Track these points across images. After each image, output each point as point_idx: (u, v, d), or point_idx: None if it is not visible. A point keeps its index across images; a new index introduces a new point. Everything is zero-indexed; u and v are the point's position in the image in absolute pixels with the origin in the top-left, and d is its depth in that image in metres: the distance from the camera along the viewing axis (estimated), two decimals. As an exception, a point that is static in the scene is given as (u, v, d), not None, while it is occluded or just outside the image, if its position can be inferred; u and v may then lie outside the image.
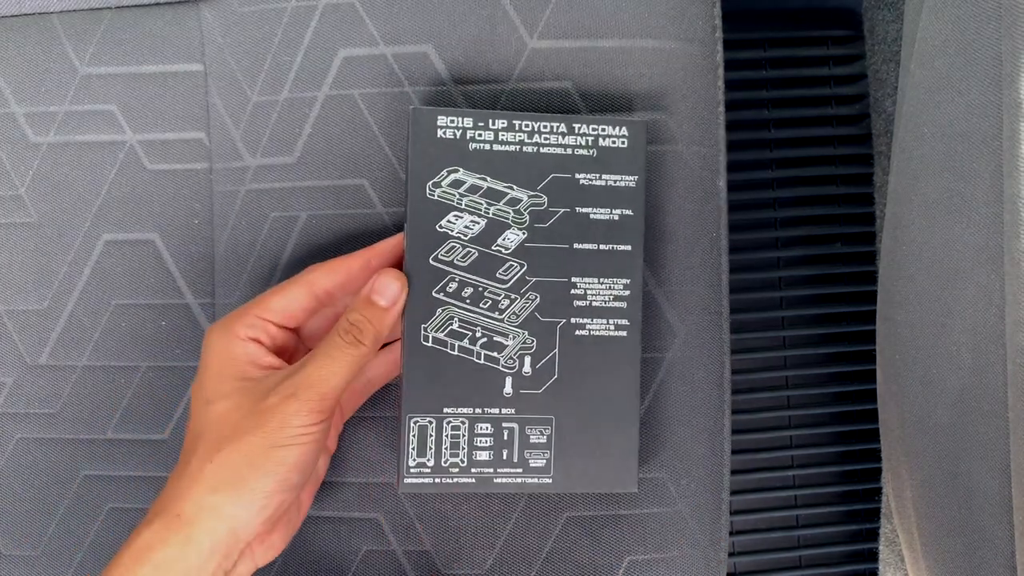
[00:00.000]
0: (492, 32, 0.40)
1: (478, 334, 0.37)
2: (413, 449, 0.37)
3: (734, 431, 0.77)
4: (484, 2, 0.40)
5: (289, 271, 0.40)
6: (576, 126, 0.37)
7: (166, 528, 0.31)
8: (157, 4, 0.42)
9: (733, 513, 0.81)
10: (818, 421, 0.81)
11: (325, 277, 0.35)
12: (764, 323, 0.80)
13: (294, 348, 0.37)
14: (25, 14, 0.42)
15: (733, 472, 0.78)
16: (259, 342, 0.35)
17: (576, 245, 0.37)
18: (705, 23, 0.41)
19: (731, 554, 0.81)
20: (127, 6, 0.42)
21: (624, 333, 0.38)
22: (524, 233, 0.37)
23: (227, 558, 0.32)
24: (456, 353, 0.37)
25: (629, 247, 0.38)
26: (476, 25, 0.40)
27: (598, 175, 0.37)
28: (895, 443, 0.48)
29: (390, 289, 0.34)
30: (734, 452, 0.80)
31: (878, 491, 0.81)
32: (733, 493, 0.79)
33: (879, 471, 0.81)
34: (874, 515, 0.81)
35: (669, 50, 0.40)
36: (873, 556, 0.81)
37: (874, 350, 0.51)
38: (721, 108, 0.41)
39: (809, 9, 0.80)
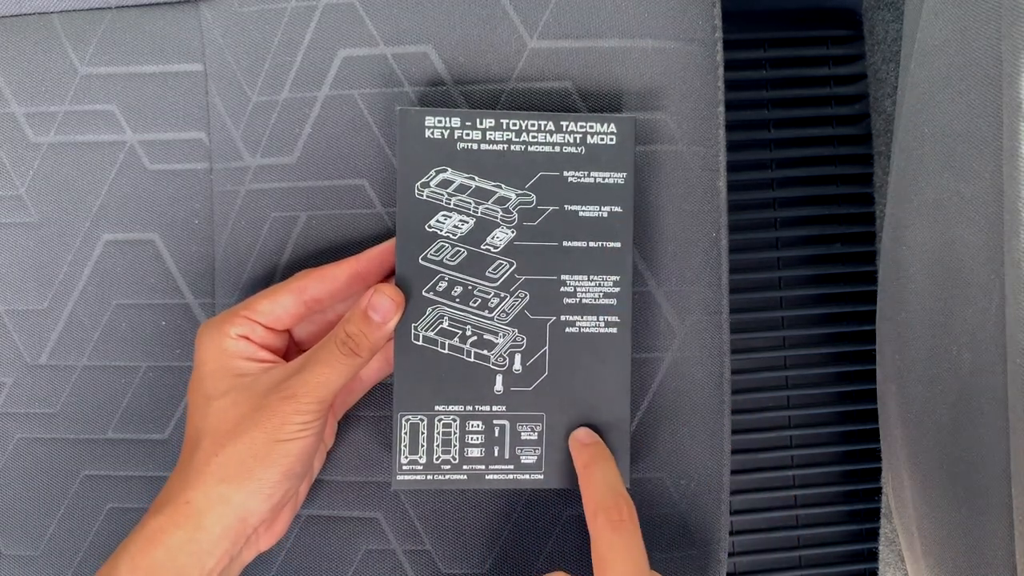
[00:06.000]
0: (492, 32, 0.40)
1: (468, 332, 0.37)
2: (405, 447, 0.37)
3: (734, 431, 0.77)
4: (484, 2, 0.40)
5: (289, 271, 0.40)
6: (564, 124, 0.37)
7: (176, 514, 0.32)
8: (157, 4, 0.42)
9: (733, 513, 0.81)
10: (818, 421, 0.81)
11: (315, 285, 0.36)
12: (764, 323, 0.80)
13: (285, 348, 0.38)
14: (25, 14, 0.43)
15: (733, 472, 0.78)
16: (248, 340, 0.35)
17: (565, 243, 0.37)
18: (705, 23, 0.41)
19: (731, 554, 0.81)
20: (127, 6, 0.42)
21: (614, 330, 0.38)
22: (513, 232, 0.37)
23: (235, 544, 0.33)
24: (446, 351, 0.37)
25: (619, 244, 0.38)
26: (476, 25, 0.40)
27: (587, 172, 0.37)
28: (895, 443, 0.48)
29: (384, 305, 0.35)
30: (734, 452, 0.80)
31: (878, 491, 0.81)
32: (733, 493, 0.79)
33: (879, 471, 0.81)
34: (874, 515, 0.81)
35: (669, 50, 0.40)
36: (873, 556, 0.81)
37: (874, 350, 0.51)
38: (721, 108, 0.41)
39: (809, 9, 0.80)
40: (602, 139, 0.37)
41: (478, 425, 0.37)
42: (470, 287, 0.37)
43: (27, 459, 0.43)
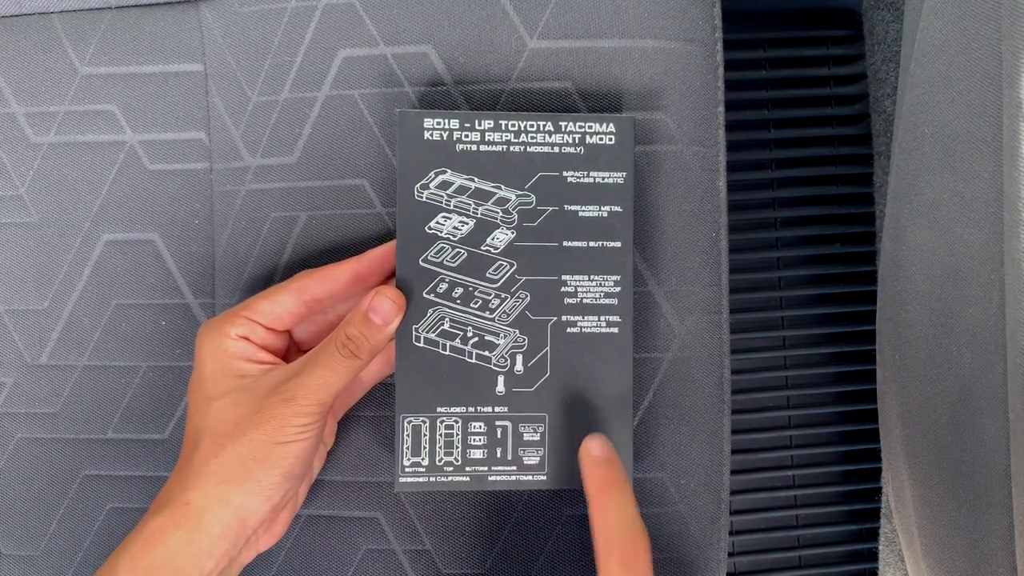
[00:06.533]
0: (492, 32, 0.40)
1: (469, 333, 0.37)
2: (408, 449, 0.37)
3: (734, 431, 0.77)
4: (484, 2, 0.40)
5: (289, 271, 0.40)
6: (563, 124, 0.37)
7: (176, 515, 0.32)
8: (157, 4, 0.42)
9: (733, 513, 0.81)
10: (818, 421, 0.81)
11: (315, 285, 0.36)
12: (764, 323, 0.80)
13: (286, 349, 0.38)
14: (25, 14, 0.43)
15: (733, 472, 0.78)
16: (248, 340, 0.35)
17: (566, 243, 0.37)
18: (705, 23, 0.41)
19: (731, 554, 0.81)
20: (127, 6, 0.42)
21: (616, 330, 0.38)
22: (513, 232, 0.37)
23: (234, 545, 0.33)
24: (448, 353, 0.37)
25: (619, 244, 0.38)
26: (476, 25, 0.40)
27: (586, 172, 0.37)
28: (895, 443, 0.48)
29: (384, 308, 0.35)
30: (734, 452, 0.80)
31: (878, 491, 0.81)
32: (733, 493, 0.79)
33: (879, 471, 0.81)
34: (874, 515, 0.81)
35: (669, 50, 0.40)
36: (873, 556, 0.81)
37: (874, 350, 0.51)
38: (721, 108, 0.41)
39: (809, 9, 0.80)
40: (601, 139, 0.37)
41: (480, 426, 0.37)
42: (471, 288, 0.37)
43: (27, 459, 0.43)
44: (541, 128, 0.37)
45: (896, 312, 0.45)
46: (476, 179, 0.37)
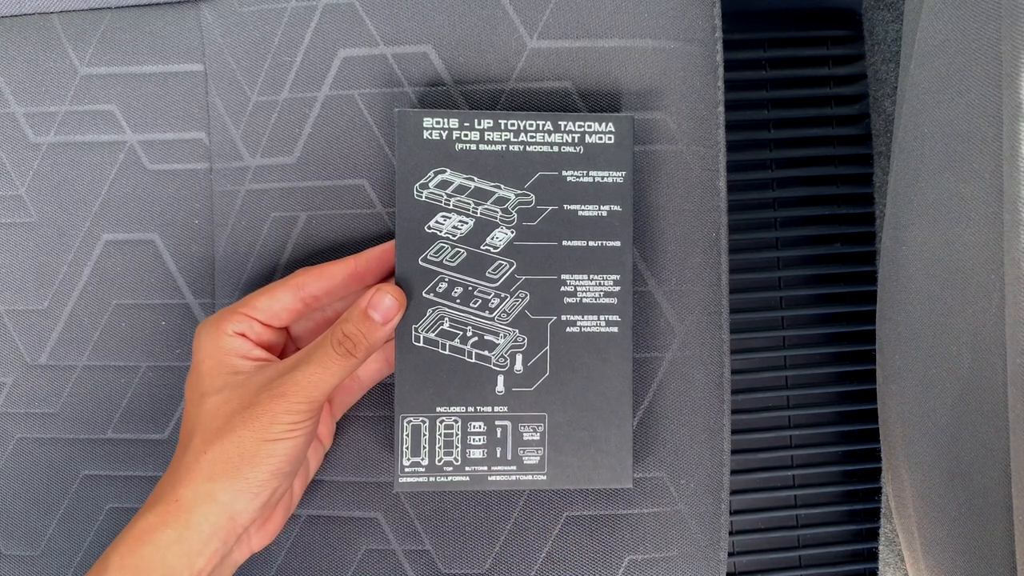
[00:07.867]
0: (492, 32, 0.40)
1: (469, 333, 0.37)
2: (407, 448, 0.37)
3: (734, 431, 0.77)
4: (484, 2, 0.40)
5: (289, 271, 0.40)
6: (562, 123, 0.37)
7: (166, 512, 0.32)
8: (157, 4, 0.42)
9: (733, 513, 0.81)
10: (818, 421, 0.81)
11: (313, 282, 0.36)
12: (764, 323, 0.80)
13: (283, 346, 0.38)
14: (25, 14, 0.43)
15: (733, 472, 0.78)
16: (245, 337, 0.35)
17: (565, 242, 0.37)
18: (705, 23, 0.41)
19: (731, 554, 0.81)
20: (127, 6, 0.42)
21: (615, 329, 0.38)
22: (512, 232, 0.37)
23: (225, 543, 0.33)
24: (447, 353, 0.37)
25: (618, 243, 0.38)
26: (476, 25, 0.40)
27: (585, 172, 0.37)
28: (895, 443, 0.48)
29: (385, 304, 0.35)
30: (734, 452, 0.80)
31: (878, 491, 0.81)
32: (733, 493, 0.79)
33: (879, 471, 0.81)
34: (874, 515, 0.81)
35: (669, 50, 0.40)
36: (873, 556, 0.81)
37: (874, 350, 0.51)
38: (721, 108, 0.41)
39: (809, 9, 0.80)
40: (600, 138, 0.37)
41: (480, 426, 0.37)
42: (470, 288, 0.37)
43: (27, 459, 0.43)
44: (540, 127, 0.37)
45: (896, 312, 0.45)
46: (475, 178, 0.37)
